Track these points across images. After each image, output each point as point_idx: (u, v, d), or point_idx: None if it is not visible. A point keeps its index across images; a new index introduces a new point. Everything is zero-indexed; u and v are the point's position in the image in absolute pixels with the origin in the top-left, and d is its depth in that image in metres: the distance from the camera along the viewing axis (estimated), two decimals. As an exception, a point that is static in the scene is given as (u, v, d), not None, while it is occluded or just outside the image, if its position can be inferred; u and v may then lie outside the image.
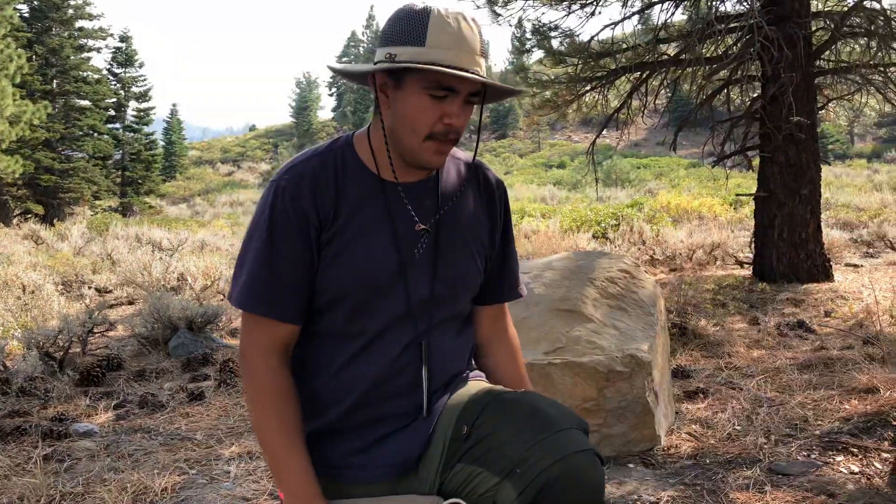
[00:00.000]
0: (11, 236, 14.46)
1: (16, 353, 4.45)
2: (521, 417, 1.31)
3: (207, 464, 2.81)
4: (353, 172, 1.43)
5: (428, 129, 1.34)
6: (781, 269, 6.57)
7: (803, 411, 3.11)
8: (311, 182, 1.39)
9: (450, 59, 1.30)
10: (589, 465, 1.25)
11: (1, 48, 17.68)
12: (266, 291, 1.38)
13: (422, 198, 1.47)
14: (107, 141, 32.45)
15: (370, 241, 1.41)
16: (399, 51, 1.32)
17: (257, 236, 1.39)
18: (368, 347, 1.43)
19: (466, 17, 1.35)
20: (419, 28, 1.31)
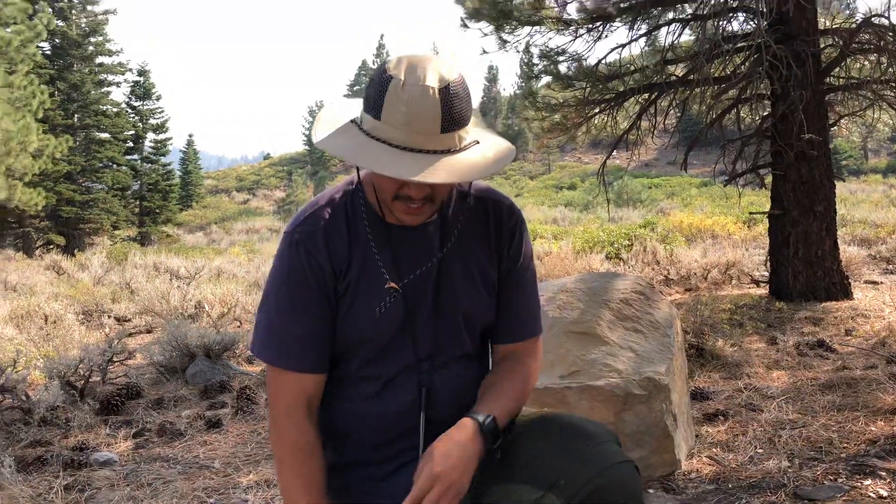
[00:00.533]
0: (34, 267, 14.64)
1: (38, 383, 4.50)
2: (557, 433, 1.35)
3: (225, 492, 2.82)
4: (362, 219, 1.43)
5: (390, 195, 1.33)
6: (798, 288, 6.51)
7: (827, 433, 3.06)
8: (325, 235, 1.39)
9: (398, 139, 1.23)
10: (631, 475, 1.30)
11: (24, 85, 18.01)
12: (288, 344, 1.40)
13: (426, 239, 1.45)
14: (125, 172, 32.98)
15: (379, 295, 1.41)
16: (364, 117, 1.29)
17: (276, 290, 1.41)
18: (381, 392, 1.46)
19: (432, 87, 1.22)
20: (378, 98, 1.25)
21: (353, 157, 1.25)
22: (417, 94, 1.22)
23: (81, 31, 30.64)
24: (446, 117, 1.24)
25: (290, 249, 1.39)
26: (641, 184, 33.28)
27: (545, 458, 1.32)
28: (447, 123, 1.24)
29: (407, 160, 1.22)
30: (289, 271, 1.39)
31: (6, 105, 15.49)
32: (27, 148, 16.43)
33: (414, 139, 1.23)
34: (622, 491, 1.28)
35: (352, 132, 1.29)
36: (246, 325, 6.86)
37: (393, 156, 1.23)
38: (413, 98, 1.22)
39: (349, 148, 1.26)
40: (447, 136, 1.25)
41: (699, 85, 6.57)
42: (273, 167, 69.02)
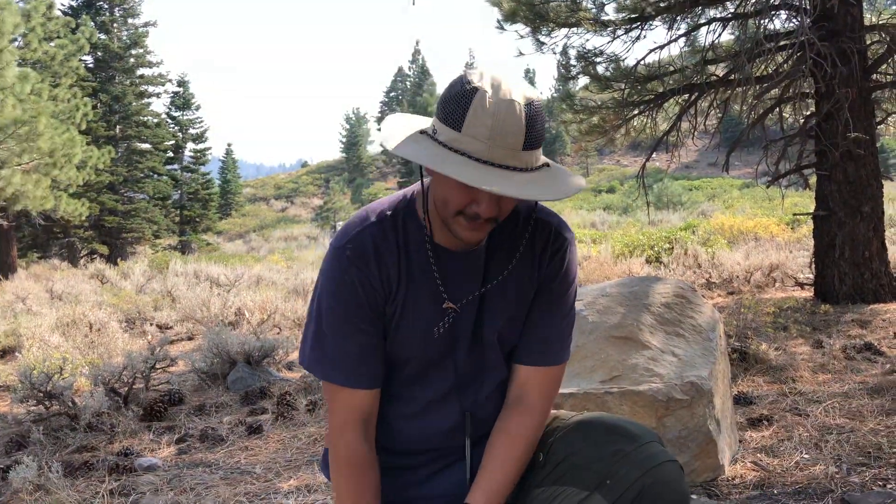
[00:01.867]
0: (79, 276, 15.01)
1: (84, 389, 4.60)
2: (601, 435, 1.36)
3: (266, 497, 2.84)
4: (412, 239, 1.40)
5: (455, 209, 1.28)
6: (845, 290, 6.35)
7: (876, 438, 2.97)
8: (376, 254, 1.37)
9: (480, 152, 1.19)
10: (677, 474, 1.31)
11: (68, 98, 18.54)
12: (340, 361, 1.40)
13: (472, 260, 1.43)
14: (166, 182, 33.65)
15: (425, 315, 1.41)
16: (441, 128, 1.25)
17: (326, 305, 1.40)
18: (421, 413, 1.49)
19: (518, 103, 1.20)
20: (460, 110, 1.21)
21: (437, 165, 1.20)
22: (504, 107, 1.19)
23: (123, 44, 31.41)
24: (529, 134, 1.21)
25: (341, 265, 1.37)
26: (682, 186, 32.87)
27: (590, 460, 1.33)
28: (529, 140, 1.21)
29: (491, 174, 1.19)
30: (339, 287, 1.37)
31: (51, 118, 15.93)
32: (72, 160, 16.89)
33: (496, 153, 1.19)
34: (669, 490, 1.28)
35: (426, 142, 1.25)
36: (286, 332, 6.93)
37: (477, 168, 1.19)
38: (499, 112, 1.18)
39: (430, 156, 1.22)
40: (527, 154, 1.22)
41: (740, 85, 6.46)
42: (310, 175, 69.77)
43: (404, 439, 1.50)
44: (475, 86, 1.21)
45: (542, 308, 1.46)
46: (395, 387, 1.48)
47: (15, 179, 14.99)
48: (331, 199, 46.86)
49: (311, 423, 3.87)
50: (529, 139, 1.21)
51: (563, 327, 1.48)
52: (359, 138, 70.02)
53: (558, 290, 1.46)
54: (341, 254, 1.37)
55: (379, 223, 1.39)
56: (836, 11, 6.19)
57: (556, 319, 1.47)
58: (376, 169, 68.35)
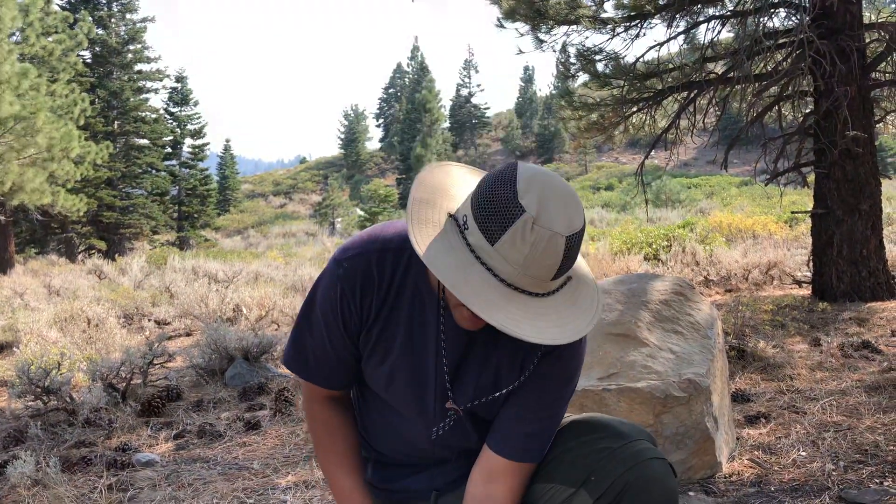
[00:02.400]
0: (77, 272, 15.00)
1: (81, 384, 4.60)
2: (590, 433, 1.36)
3: (264, 493, 2.84)
4: (411, 281, 1.35)
5: (458, 302, 1.23)
6: (842, 288, 6.36)
7: (874, 436, 2.98)
8: (364, 280, 1.34)
9: (506, 274, 1.12)
10: (663, 471, 1.30)
11: (66, 93, 18.51)
12: (312, 362, 1.45)
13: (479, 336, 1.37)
14: (164, 177, 33.61)
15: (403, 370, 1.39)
16: (473, 228, 1.15)
17: (309, 310, 1.43)
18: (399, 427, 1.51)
19: (561, 237, 1.11)
20: (500, 225, 1.11)
21: (455, 288, 1.11)
22: (545, 239, 1.10)
23: (121, 39, 31.34)
24: (563, 266, 1.15)
25: (331, 278, 1.36)
26: (680, 184, 32.87)
27: (577, 458, 1.34)
28: (561, 272, 1.15)
29: (511, 304, 1.12)
30: (322, 299, 1.39)
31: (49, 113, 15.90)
32: (69, 154, 16.86)
33: (522, 280, 1.13)
34: (655, 486, 1.27)
35: (454, 242, 1.16)
36: (284, 328, 6.93)
37: (497, 294, 1.12)
38: (540, 242, 1.10)
39: (452, 270, 1.13)
40: (555, 283, 1.17)
41: (739, 82, 6.46)
42: (309, 171, 69.74)
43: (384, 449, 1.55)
44: (523, 206, 1.10)
45: (531, 403, 1.37)
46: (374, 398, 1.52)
47: (13, 174, 14.97)
48: (329, 195, 46.83)
49: (309, 419, 3.87)
50: (561, 271, 1.15)
51: (547, 426, 1.39)
52: (357, 134, 69.99)
53: (551, 383, 1.38)
54: (335, 269, 1.36)
55: (382, 252, 1.34)
56: (836, 9, 6.19)
57: (543, 418, 1.38)
58: (375, 165, 68.33)
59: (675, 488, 1.31)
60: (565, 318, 1.16)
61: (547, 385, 1.37)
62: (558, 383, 1.37)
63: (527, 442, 1.36)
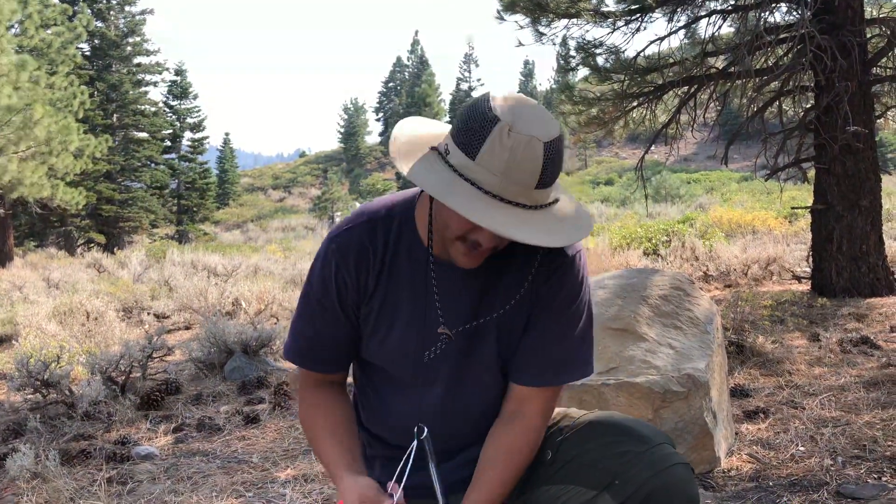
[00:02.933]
0: (76, 265, 14.99)
1: (81, 378, 4.60)
2: (611, 436, 1.34)
3: (264, 486, 2.84)
4: (405, 246, 1.37)
5: (455, 235, 1.25)
6: (842, 284, 6.36)
7: (872, 431, 2.98)
8: (358, 252, 1.36)
9: (491, 184, 1.15)
10: (688, 477, 1.29)
11: (65, 86, 18.47)
12: (306, 348, 1.45)
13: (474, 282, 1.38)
14: (163, 171, 33.58)
15: (402, 329, 1.40)
16: (454, 150, 1.19)
17: (305, 294, 1.44)
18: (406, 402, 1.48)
19: (539, 141, 1.15)
20: (478, 138, 1.16)
21: (443, 196, 1.16)
22: (524, 143, 1.14)
23: (120, 32, 31.26)
24: (545, 173, 1.17)
25: (325, 258, 1.40)
26: (680, 179, 32.88)
27: (598, 460, 1.32)
28: (544, 180, 1.17)
29: (497, 210, 1.15)
30: (317, 278, 1.40)
31: (48, 105, 15.87)
32: (68, 147, 16.83)
33: (508, 189, 1.16)
34: (678, 492, 1.26)
35: (437, 165, 1.21)
36: (283, 322, 6.93)
37: (483, 201, 1.15)
38: (518, 147, 1.14)
39: (438, 184, 1.18)
40: (539, 192, 1.19)
41: (740, 77, 6.44)
42: (308, 165, 69.68)
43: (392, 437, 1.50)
44: (497, 115, 1.15)
45: (541, 328, 1.39)
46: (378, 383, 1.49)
47: (11, 167, 14.95)
48: (329, 189, 46.81)
49: (308, 413, 3.87)
50: (544, 178, 1.17)
51: (566, 348, 1.40)
52: (357, 128, 69.90)
53: (559, 310, 1.39)
54: (328, 246, 1.39)
55: (370, 222, 1.38)
56: (837, 4, 6.18)
57: (558, 340, 1.40)
58: (374, 159, 68.25)
59: (697, 493, 1.30)
60: (554, 227, 1.20)
61: (554, 312, 1.38)
62: (565, 307, 1.38)
63: (542, 367, 1.39)
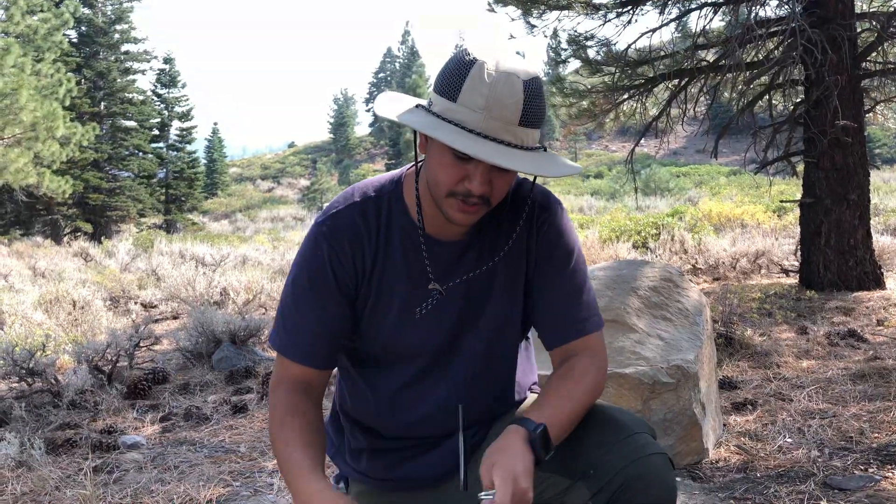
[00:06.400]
0: (63, 254, 14.88)
1: (67, 366, 4.56)
2: (590, 425, 1.32)
3: (251, 476, 2.83)
4: (396, 223, 1.37)
5: (447, 188, 1.24)
6: (829, 277, 6.40)
7: (858, 423, 3.00)
8: (352, 235, 1.35)
9: (473, 122, 1.17)
10: (664, 466, 1.26)
11: (51, 73, 18.26)
12: (295, 335, 1.38)
13: (462, 252, 1.39)
14: (151, 160, 33.32)
15: (407, 298, 1.38)
16: (436, 100, 1.22)
17: (294, 280, 1.38)
18: (408, 387, 1.45)
19: (518, 77, 1.17)
20: (457, 80, 1.19)
21: (429, 130, 1.18)
22: (503, 79, 1.16)
23: (107, 19, 30.94)
24: (527, 109, 1.18)
25: (315, 242, 1.36)
26: (669, 172, 32.97)
27: (575, 449, 1.30)
28: (527, 116, 1.18)
29: (484, 146, 1.16)
30: (308, 263, 1.36)
31: (34, 92, 15.70)
32: (54, 134, 16.66)
33: (491, 125, 1.17)
34: (654, 482, 1.23)
35: (421, 113, 1.24)
36: (271, 312, 6.90)
37: (469, 138, 1.16)
38: (497, 82, 1.16)
39: (422, 124, 1.20)
40: (523, 131, 1.19)
41: (731, 70, 6.45)
42: (297, 155, 69.39)
43: (391, 426, 1.47)
44: (474, 57, 1.19)
45: (549, 287, 1.41)
46: (380, 365, 1.45)
47: (-3, 154, 14.80)
48: (318, 179, 46.66)
49: (296, 403, 3.86)
50: (527, 114, 1.18)
51: (579, 297, 1.41)
52: (347, 119, 69.65)
53: (560, 263, 1.41)
54: (318, 230, 1.36)
55: (361, 203, 1.37)
56: (828, -2, 6.19)
57: (568, 292, 1.41)
58: (364, 150, 68.06)
59: (675, 484, 1.27)
60: (543, 162, 1.21)
61: (556, 264, 1.40)
62: (563, 254, 1.41)
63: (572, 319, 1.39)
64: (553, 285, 1.40)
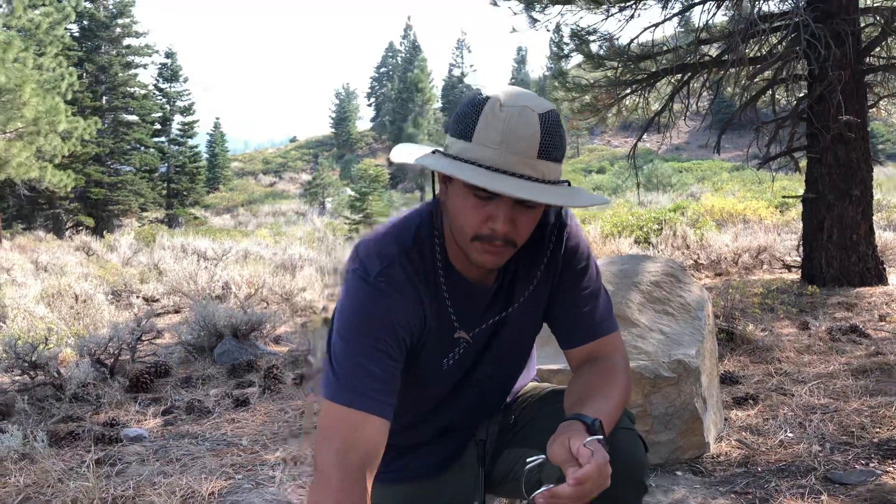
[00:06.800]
0: (65, 248, 14.89)
1: (69, 360, 4.57)
2: (561, 402, 1.36)
3: (253, 469, 2.84)
4: (440, 275, 1.33)
5: (472, 231, 1.20)
6: (832, 273, 6.39)
7: (860, 418, 3.00)
8: (408, 292, 1.28)
9: (491, 158, 1.13)
10: (630, 441, 1.28)
11: (53, 66, 18.26)
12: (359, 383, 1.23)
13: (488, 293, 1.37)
14: (153, 154, 33.36)
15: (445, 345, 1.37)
16: (452, 143, 1.19)
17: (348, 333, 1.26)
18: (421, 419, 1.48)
19: (531, 109, 1.14)
20: (471, 119, 1.16)
21: (447, 170, 1.14)
22: (517, 113, 1.13)
23: (109, 13, 30.91)
24: (545, 141, 1.14)
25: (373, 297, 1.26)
26: (672, 167, 32.93)
27: (550, 425, 1.30)
28: (545, 149, 1.14)
29: (503, 179, 1.12)
30: (369, 320, 1.25)
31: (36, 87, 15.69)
32: (56, 129, 16.67)
33: (509, 160, 1.13)
34: (621, 454, 1.23)
35: (437, 156, 1.21)
36: (273, 306, 6.91)
37: (487, 174, 1.12)
38: (511, 116, 1.13)
39: (440, 164, 1.17)
40: (544, 164, 1.15)
41: (734, 65, 6.43)
42: (299, 150, 69.31)
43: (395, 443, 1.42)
44: (487, 95, 1.16)
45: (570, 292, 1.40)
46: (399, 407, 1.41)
47: (-1, 148, 14.80)
48: (319, 174, 46.61)
49: (298, 397, 3.87)
50: (545, 147, 1.14)
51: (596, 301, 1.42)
52: (348, 114, 69.57)
53: (579, 271, 1.40)
54: (375, 286, 1.26)
55: (406, 254, 1.30)
56: (831, -8, 6.16)
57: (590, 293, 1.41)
58: (366, 145, 68.00)
59: (643, 460, 1.28)
60: (568, 194, 1.18)
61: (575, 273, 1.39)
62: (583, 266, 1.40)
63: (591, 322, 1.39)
64: (572, 292, 1.40)
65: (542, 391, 1.51)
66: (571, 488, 1.07)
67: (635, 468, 1.26)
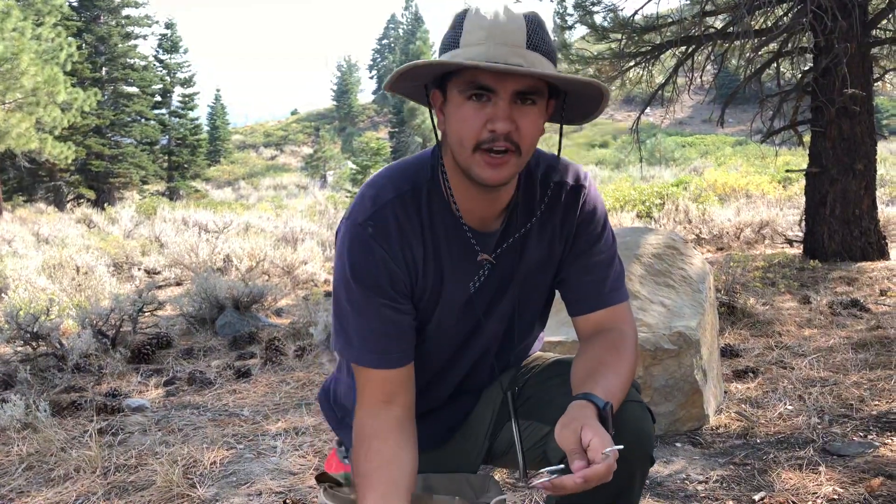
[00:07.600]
0: (66, 220, 14.88)
1: (71, 331, 4.59)
2: (567, 373, 1.34)
3: (254, 439, 2.86)
4: (438, 219, 1.31)
5: (473, 139, 1.18)
6: (833, 247, 6.38)
7: (859, 391, 3.01)
8: (400, 237, 1.27)
9: (480, 54, 1.12)
10: (639, 413, 1.27)
11: (52, 37, 18.10)
12: (367, 341, 1.29)
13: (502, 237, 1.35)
14: (154, 126, 33.19)
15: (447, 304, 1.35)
16: (442, 57, 1.19)
17: (348, 288, 1.29)
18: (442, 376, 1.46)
19: (509, 6, 1.16)
20: (456, 30, 1.17)
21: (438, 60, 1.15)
22: (500, 10, 1.14)
23: (107, -18, 30.57)
24: (532, 33, 1.14)
25: (364, 245, 1.26)
26: (675, 142, 32.77)
27: (555, 397, 1.31)
28: (533, 40, 1.14)
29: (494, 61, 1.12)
30: (361, 267, 1.26)
31: (34, 56, 15.57)
32: (55, 99, 16.56)
33: (499, 51, 1.12)
34: (629, 426, 1.23)
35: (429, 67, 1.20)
36: (274, 279, 6.92)
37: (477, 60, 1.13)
38: (495, 14, 1.14)
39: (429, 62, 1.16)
40: (533, 55, 1.14)
41: (739, 38, 6.36)
42: (300, 123, 68.97)
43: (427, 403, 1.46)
44: (466, 6, 1.18)
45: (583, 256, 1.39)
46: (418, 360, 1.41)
47: (-2, 118, 14.73)
48: (321, 147, 46.45)
49: (299, 368, 3.88)
50: (533, 38, 1.14)
51: (609, 269, 1.40)
52: (350, 86, 69.09)
53: (594, 236, 1.39)
54: (362, 232, 1.26)
55: (400, 198, 1.28)
56: (839, -37, 6.07)
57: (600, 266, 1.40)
58: (367, 118, 67.62)
59: (651, 432, 1.27)
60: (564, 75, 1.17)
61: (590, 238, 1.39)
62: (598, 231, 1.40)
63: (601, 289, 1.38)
64: (585, 257, 1.39)
65: (547, 361, 1.49)
66: (575, 484, 1.07)
67: (644, 442, 1.25)
